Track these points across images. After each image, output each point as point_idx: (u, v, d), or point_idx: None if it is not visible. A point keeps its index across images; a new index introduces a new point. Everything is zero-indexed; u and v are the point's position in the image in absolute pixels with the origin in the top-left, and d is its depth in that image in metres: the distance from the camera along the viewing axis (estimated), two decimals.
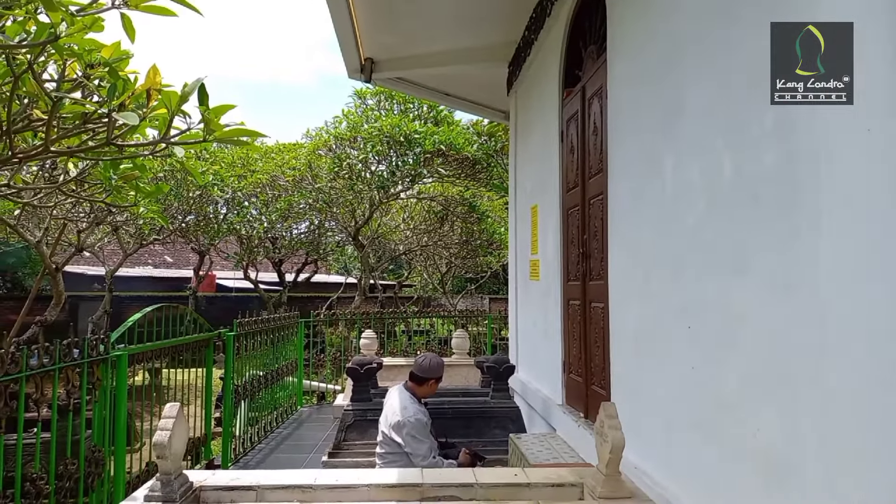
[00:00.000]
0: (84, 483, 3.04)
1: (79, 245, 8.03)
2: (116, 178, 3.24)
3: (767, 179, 1.81)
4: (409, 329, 10.57)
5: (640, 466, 2.72)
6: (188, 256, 18.05)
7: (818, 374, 1.57)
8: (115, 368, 3.40)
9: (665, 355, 2.52)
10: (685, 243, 2.36)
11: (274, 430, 6.31)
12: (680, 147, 2.41)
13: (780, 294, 1.75)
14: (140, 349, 3.80)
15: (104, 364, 3.25)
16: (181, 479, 2.12)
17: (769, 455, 1.78)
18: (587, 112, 3.72)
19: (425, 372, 3.79)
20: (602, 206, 3.36)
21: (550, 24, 4.47)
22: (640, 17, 2.87)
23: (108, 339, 3.28)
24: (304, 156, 10.46)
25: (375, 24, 5.49)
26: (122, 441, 3.39)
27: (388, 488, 2.31)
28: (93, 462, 3.12)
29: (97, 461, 3.13)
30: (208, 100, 2.40)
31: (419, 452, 3.52)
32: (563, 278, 4.18)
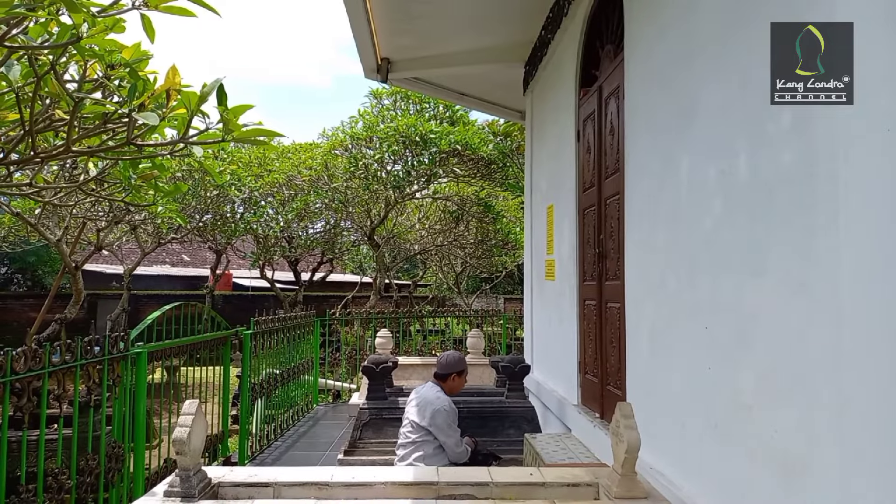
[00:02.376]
0: (104, 478, 3.09)
1: (98, 244, 8.17)
2: (135, 178, 3.30)
3: (783, 179, 1.80)
4: (423, 329, 10.59)
5: (655, 466, 2.71)
6: (205, 255, 18.25)
7: (834, 374, 1.56)
8: (134, 365, 3.45)
9: (680, 355, 2.51)
10: (701, 243, 2.34)
11: (290, 427, 6.36)
12: (695, 147, 2.40)
13: (797, 294, 1.74)
14: (159, 346, 3.86)
15: (124, 361, 3.30)
16: (200, 475, 2.15)
17: (785, 456, 1.76)
18: (604, 111, 3.70)
19: (447, 368, 3.86)
20: (619, 206, 3.35)
21: (567, 23, 4.46)
22: (656, 16, 2.86)
23: (128, 336, 3.34)
24: (320, 156, 10.53)
25: (392, 24, 5.51)
26: (142, 437, 3.44)
27: (404, 486, 2.32)
28: (113, 458, 3.17)
29: (117, 457, 3.18)
30: (227, 100, 2.44)
31: (451, 441, 3.61)
32: (578, 278, 4.17)
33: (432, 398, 3.69)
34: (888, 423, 1.38)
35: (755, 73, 1.98)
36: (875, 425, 1.43)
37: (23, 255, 14.37)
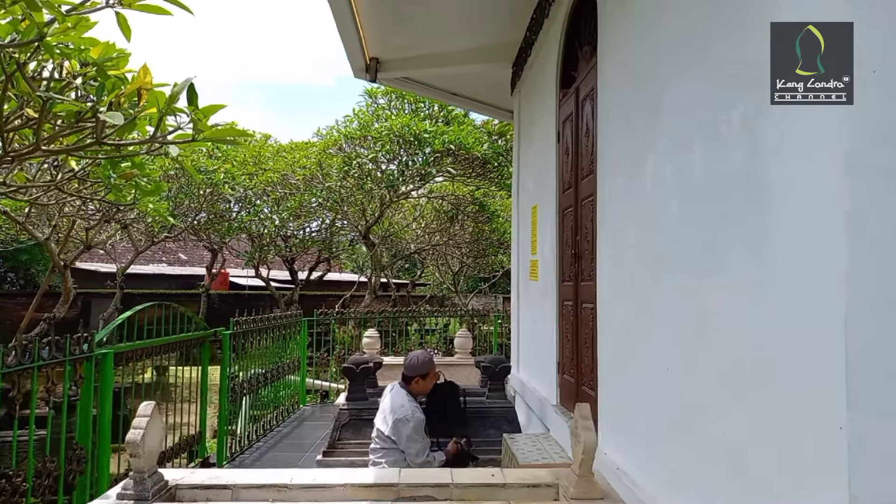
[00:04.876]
0: (64, 481, 3.08)
1: (87, 242, 8.18)
2: (116, 177, 3.30)
3: (735, 179, 1.81)
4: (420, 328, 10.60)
5: (621, 467, 2.70)
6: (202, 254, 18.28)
7: (784, 375, 1.56)
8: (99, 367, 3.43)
9: (645, 355, 2.51)
10: (663, 243, 2.34)
11: (274, 428, 6.35)
12: (660, 147, 2.40)
13: (749, 294, 1.74)
14: (126, 348, 3.84)
15: (88, 362, 3.29)
16: (155, 478, 2.15)
17: (739, 456, 1.76)
18: (581, 113, 3.69)
19: (413, 370, 3.80)
20: (592, 208, 3.34)
21: (548, 25, 4.46)
22: (626, 18, 2.86)
23: (92, 337, 3.33)
24: (314, 155, 10.53)
25: (379, 24, 5.50)
26: (107, 439, 3.44)
27: (364, 488, 2.32)
28: (74, 460, 3.16)
29: (79, 459, 3.17)
30: (197, 100, 2.43)
31: (412, 450, 3.54)
32: (558, 279, 4.17)
33: (396, 406, 3.64)
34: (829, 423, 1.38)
35: (712, 75, 1.99)
36: (822, 426, 1.43)
37: (15, 254, 14.39)
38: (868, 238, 1.35)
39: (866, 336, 1.34)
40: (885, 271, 1.35)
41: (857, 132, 1.38)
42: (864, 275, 1.35)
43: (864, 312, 1.34)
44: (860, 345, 1.34)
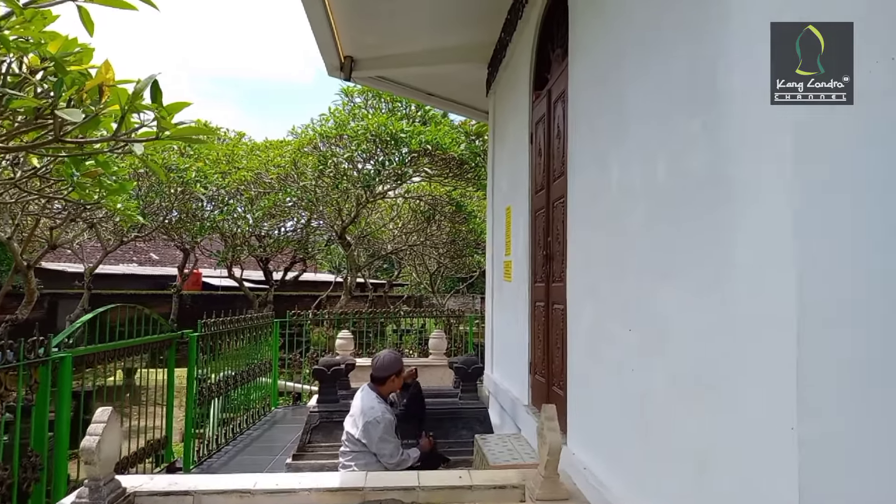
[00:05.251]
0: (19, 489, 2.98)
1: (51, 242, 7.97)
2: (79, 175, 3.20)
3: (693, 184, 1.83)
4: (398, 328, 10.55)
5: (588, 467, 2.72)
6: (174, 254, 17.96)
7: (740, 376, 1.58)
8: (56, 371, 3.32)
9: (610, 357, 2.53)
10: (626, 246, 2.36)
11: (244, 431, 6.26)
12: (624, 151, 2.42)
13: (703, 298, 1.76)
14: (85, 351, 3.74)
15: (44, 367, 3.19)
16: (112, 486, 2.10)
17: (699, 457, 1.78)
18: (553, 115, 3.71)
19: (382, 370, 3.78)
20: (563, 209, 3.36)
21: (522, 26, 4.47)
22: (595, 20, 2.87)
23: (48, 340, 3.23)
24: (289, 153, 10.41)
25: (353, 22, 5.46)
26: (65, 445, 3.34)
27: (329, 492, 2.29)
28: (29, 467, 3.06)
29: (34, 466, 3.07)
30: (162, 97, 2.38)
31: (385, 452, 3.53)
32: (530, 280, 4.18)
33: (367, 409, 3.62)
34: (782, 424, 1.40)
35: (671, 79, 2.01)
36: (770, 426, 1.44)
37: None
38: (817, 243, 1.37)
39: (816, 338, 1.36)
40: (833, 274, 1.37)
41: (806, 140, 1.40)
42: (814, 278, 1.37)
43: (814, 315, 1.36)
44: (811, 347, 1.36)
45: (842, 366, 1.36)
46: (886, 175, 1.36)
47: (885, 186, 1.36)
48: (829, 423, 1.35)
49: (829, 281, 1.37)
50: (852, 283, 1.38)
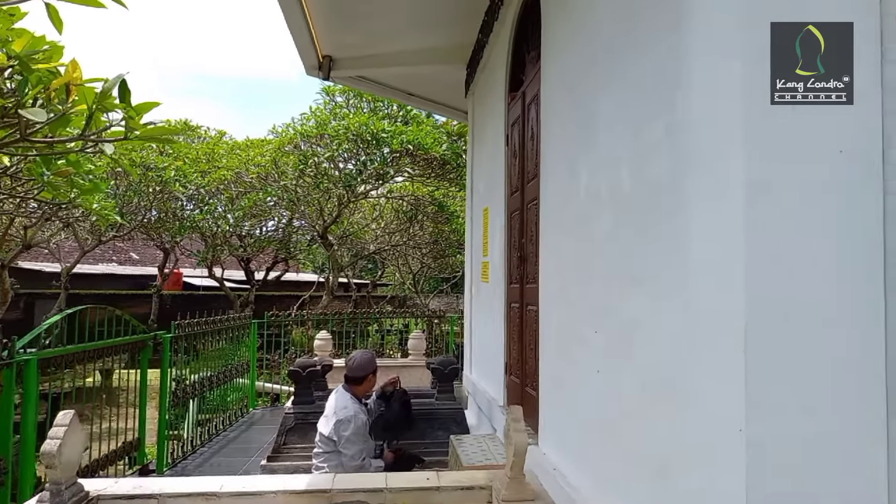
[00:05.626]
0: None
1: (26, 242, 7.84)
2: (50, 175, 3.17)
3: (654, 190, 1.85)
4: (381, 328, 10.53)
5: (558, 468, 2.74)
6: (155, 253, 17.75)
7: (696, 380, 1.60)
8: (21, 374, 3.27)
9: (579, 358, 2.55)
10: (594, 249, 2.39)
11: (220, 432, 6.21)
12: (592, 156, 2.45)
13: (665, 303, 1.78)
14: (51, 354, 3.70)
15: (8, 369, 3.14)
16: (74, 489, 2.08)
17: (661, 459, 1.80)
18: (527, 117, 3.73)
19: (356, 370, 3.78)
20: (536, 211, 3.38)
21: (498, 28, 4.49)
22: (566, 24, 2.89)
23: (13, 343, 3.18)
24: (270, 153, 10.35)
25: (331, 22, 5.43)
26: (32, 448, 3.29)
27: (296, 494, 2.29)
28: None
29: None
30: (130, 97, 2.35)
31: (348, 453, 3.52)
32: (506, 281, 4.20)
33: (339, 408, 3.62)
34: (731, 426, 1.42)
35: (638, 85, 2.03)
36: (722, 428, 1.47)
37: None
38: (764, 249, 1.40)
39: (763, 343, 1.39)
40: (780, 280, 1.40)
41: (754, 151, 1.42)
42: (760, 284, 1.39)
43: (760, 320, 1.39)
44: (758, 351, 1.39)
45: (789, 369, 1.39)
46: (829, 182, 1.39)
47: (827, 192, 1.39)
48: (777, 425, 1.38)
49: (776, 287, 1.40)
50: (800, 288, 1.41)
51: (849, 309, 1.37)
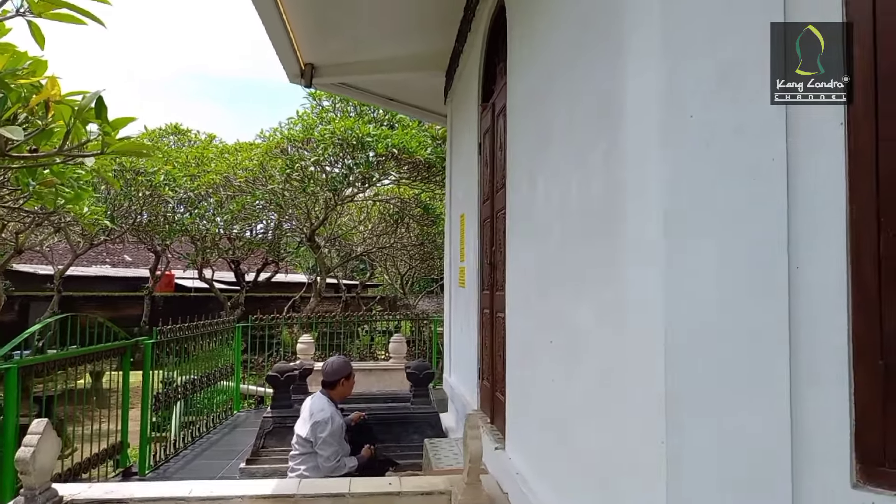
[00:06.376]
0: None
1: (17, 246, 7.91)
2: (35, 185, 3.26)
3: (596, 208, 1.94)
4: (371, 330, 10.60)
5: (521, 472, 2.83)
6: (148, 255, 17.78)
7: (629, 392, 1.69)
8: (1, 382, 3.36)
9: (537, 366, 2.64)
10: (549, 262, 2.48)
11: (204, 435, 6.30)
12: (546, 169, 2.54)
13: (607, 316, 1.88)
14: (31, 362, 3.79)
15: None
16: (48, 494, 2.16)
17: (601, 470, 1.89)
18: (496, 128, 3.82)
19: (332, 375, 3.90)
20: (504, 220, 3.47)
21: (472, 37, 4.58)
22: (528, 39, 2.98)
23: None
24: (257, 156, 10.42)
25: (310, 31, 5.51)
26: (11, 452, 3.37)
27: (262, 499, 2.38)
28: None
29: None
30: (106, 113, 2.44)
31: (324, 454, 3.62)
32: (479, 287, 4.29)
33: (316, 410, 3.73)
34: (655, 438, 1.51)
35: (586, 103, 2.12)
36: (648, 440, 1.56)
37: None
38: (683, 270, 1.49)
39: (682, 357, 1.48)
40: (696, 298, 1.49)
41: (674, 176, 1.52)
42: (678, 303, 1.49)
43: (680, 334, 1.48)
44: (677, 365, 1.48)
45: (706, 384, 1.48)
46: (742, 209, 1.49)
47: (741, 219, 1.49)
48: (694, 439, 1.47)
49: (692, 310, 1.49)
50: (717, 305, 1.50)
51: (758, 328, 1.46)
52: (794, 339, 1.45)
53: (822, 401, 1.40)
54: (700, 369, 1.49)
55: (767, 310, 1.47)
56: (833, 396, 1.39)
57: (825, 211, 1.43)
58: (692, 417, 1.49)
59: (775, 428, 1.44)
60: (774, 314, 1.47)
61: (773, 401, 1.45)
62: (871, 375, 1.34)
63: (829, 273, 1.41)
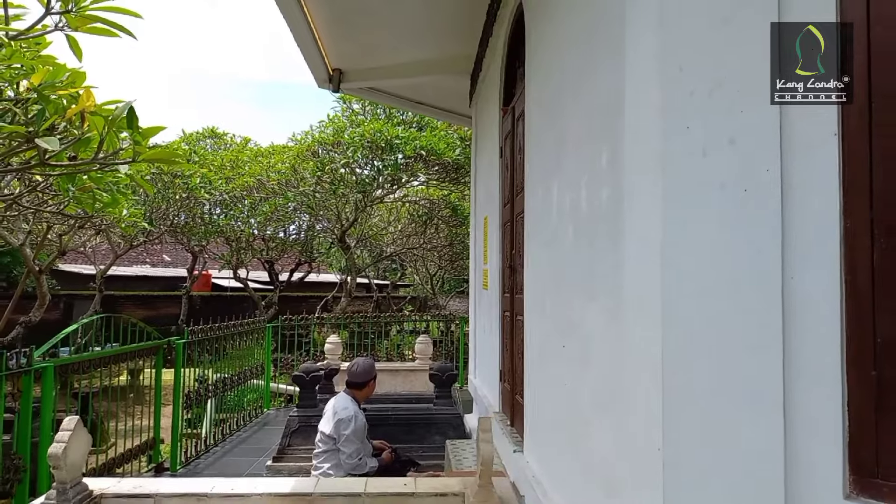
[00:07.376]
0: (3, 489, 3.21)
1: (61, 247, 8.28)
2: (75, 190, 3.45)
3: (603, 214, 1.96)
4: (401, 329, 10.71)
5: (537, 475, 2.85)
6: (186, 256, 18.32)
7: (631, 397, 1.70)
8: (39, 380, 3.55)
9: (551, 370, 2.66)
10: (563, 266, 2.50)
11: (234, 432, 6.49)
12: (560, 174, 2.55)
13: (611, 320, 1.89)
14: (66, 361, 3.97)
15: (27, 376, 3.42)
16: (79, 489, 2.28)
17: (607, 477, 1.91)
18: (515, 132, 3.84)
19: (358, 377, 3.98)
20: (523, 224, 3.49)
21: (494, 42, 4.60)
22: (545, 45, 3.00)
23: (31, 351, 3.45)
24: (289, 159, 10.64)
25: (337, 36, 5.61)
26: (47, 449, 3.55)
27: (280, 497, 2.46)
28: (12, 469, 3.30)
29: (17, 468, 3.31)
30: (137, 122, 2.57)
31: (347, 451, 3.71)
32: (500, 290, 4.32)
33: (340, 409, 3.83)
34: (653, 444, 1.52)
35: (596, 111, 2.13)
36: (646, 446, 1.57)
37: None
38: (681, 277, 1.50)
39: (679, 365, 1.48)
40: (691, 309, 1.49)
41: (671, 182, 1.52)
42: (676, 309, 1.50)
43: (676, 342, 1.48)
44: (674, 373, 1.48)
45: (703, 393, 1.49)
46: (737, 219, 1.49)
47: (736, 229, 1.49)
48: (691, 447, 1.48)
49: (690, 313, 1.49)
50: (716, 315, 1.50)
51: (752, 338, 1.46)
52: (787, 348, 1.45)
53: (816, 411, 1.39)
54: (695, 378, 1.50)
55: (762, 319, 1.46)
56: (826, 407, 1.38)
57: (819, 221, 1.42)
58: (688, 427, 1.49)
59: (768, 438, 1.43)
60: (769, 324, 1.46)
61: (767, 410, 1.45)
62: (864, 386, 1.33)
63: (823, 283, 1.40)
